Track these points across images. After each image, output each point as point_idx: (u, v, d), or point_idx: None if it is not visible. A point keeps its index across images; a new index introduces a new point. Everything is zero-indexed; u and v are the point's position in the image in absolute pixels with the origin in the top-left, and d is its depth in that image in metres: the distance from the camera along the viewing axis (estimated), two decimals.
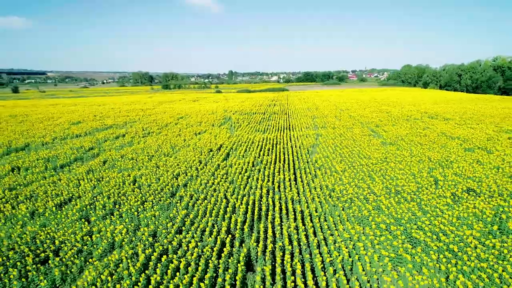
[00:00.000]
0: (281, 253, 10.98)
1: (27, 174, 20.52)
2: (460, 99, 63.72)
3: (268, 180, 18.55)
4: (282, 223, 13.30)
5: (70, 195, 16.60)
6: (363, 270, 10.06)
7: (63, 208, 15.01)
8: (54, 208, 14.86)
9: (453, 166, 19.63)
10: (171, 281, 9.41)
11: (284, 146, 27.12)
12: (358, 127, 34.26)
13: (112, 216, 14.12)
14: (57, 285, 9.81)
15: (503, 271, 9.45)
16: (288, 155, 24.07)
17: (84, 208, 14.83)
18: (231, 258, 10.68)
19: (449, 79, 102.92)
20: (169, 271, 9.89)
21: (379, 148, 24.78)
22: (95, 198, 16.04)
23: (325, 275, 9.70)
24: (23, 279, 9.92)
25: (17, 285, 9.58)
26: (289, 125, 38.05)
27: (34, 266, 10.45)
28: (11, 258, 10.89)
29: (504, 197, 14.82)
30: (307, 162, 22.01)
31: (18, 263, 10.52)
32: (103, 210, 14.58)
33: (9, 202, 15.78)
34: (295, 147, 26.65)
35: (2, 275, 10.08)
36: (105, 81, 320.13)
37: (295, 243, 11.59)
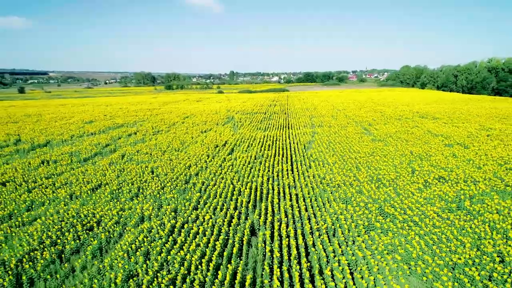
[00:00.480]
0: (278, 223, 13.75)
1: (56, 166, 23.34)
2: (453, 100, 66.35)
3: (269, 170, 21.33)
4: (280, 203, 16.07)
5: (99, 182, 19.42)
6: (342, 234, 12.84)
7: (96, 192, 17.84)
8: (89, 192, 17.69)
9: (431, 159, 22.39)
10: (193, 241, 12.20)
11: (283, 142, 29.90)
12: (352, 126, 37.00)
13: (138, 198, 16.93)
14: (103, 245, 12.61)
15: (450, 233, 12.21)
16: (286, 150, 26.85)
17: (114, 192, 17.65)
18: (239, 226, 13.48)
19: (445, 80, 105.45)
20: (190, 234, 12.69)
21: (369, 144, 27.53)
22: (121, 184, 18.85)
23: (312, 237, 12.48)
24: (77, 240, 12.73)
25: (73, 244, 12.37)
26: (288, 124, 40.82)
27: (83, 232, 13.27)
28: (63, 227, 13.70)
29: (468, 183, 17.58)
30: (303, 156, 24.79)
31: (71, 230, 13.34)
32: (129, 194, 17.38)
33: (49, 188, 18.60)
34: (293, 143, 29.42)
35: (60, 237, 12.88)
36: (107, 81, 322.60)
37: (290, 216, 14.38)
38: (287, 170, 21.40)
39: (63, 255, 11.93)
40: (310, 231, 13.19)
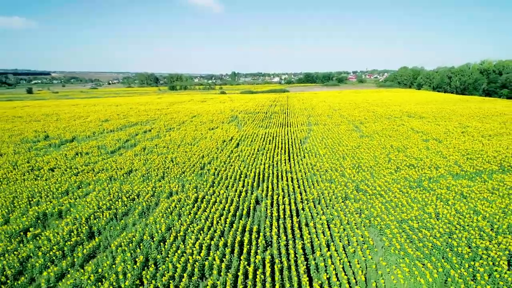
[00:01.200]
0: (276, 196, 17.87)
1: (89, 156, 27.53)
2: (443, 100, 70.31)
3: (269, 160, 25.45)
4: (278, 183, 20.19)
5: (130, 168, 23.60)
6: (325, 202, 16.96)
7: (130, 175, 22.03)
8: (124, 175, 21.88)
9: (407, 151, 26.49)
10: (213, 206, 16.35)
11: (282, 138, 34.02)
12: (345, 124, 41.10)
13: (164, 179, 21.09)
14: (145, 210, 16.74)
15: (405, 202, 16.32)
16: (285, 144, 30.97)
17: (144, 175, 21.81)
18: (246, 198, 17.63)
19: (440, 81, 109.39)
20: (210, 202, 16.83)
21: (356, 139, 31.64)
22: (148, 170, 23.02)
23: (302, 204, 16.61)
24: (125, 207, 16.88)
25: (123, 209, 16.51)
26: (287, 123, 44.93)
27: (128, 201, 17.44)
28: (112, 198, 17.86)
29: (431, 169, 21.67)
30: (299, 149, 28.92)
31: (119, 200, 17.51)
32: (157, 176, 21.54)
33: (90, 172, 22.78)
34: (291, 139, 33.54)
35: (112, 205, 17.04)
36: (110, 82, 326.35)
37: (285, 191, 18.52)
38: (285, 159, 25.53)
39: (117, 216, 16.09)
40: (301, 200, 17.32)
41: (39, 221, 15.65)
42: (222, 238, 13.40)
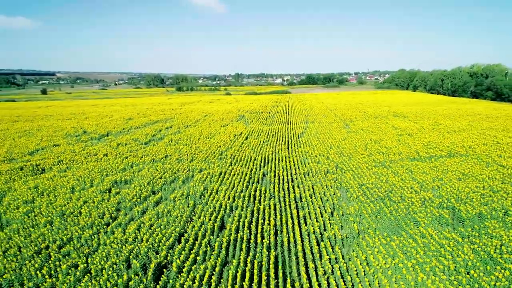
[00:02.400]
0: (278, 171, 24.85)
1: (129, 147, 34.64)
2: (430, 102, 76.90)
3: (272, 148, 32.43)
4: (279, 163, 27.17)
5: (165, 154, 30.68)
6: (312, 175, 23.95)
7: (166, 159, 29.11)
8: (163, 159, 28.99)
9: (381, 142, 33.37)
10: (233, 177, 23.37)
11: (283, 133, 40.99)
12: (337, 122, 48.01)
13: (193, 162, 28.13)
14: (185, 180, 23.73)
15: (368, 174, 23.25)
16: (285, 138, 37.92)
17: (177, 159, 28.88)
18: (256, 172, 24.65)
19: (434, 83, 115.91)
20: (230, 175, 23.85)
21: (344, 134, 38.56)
22: (180, 155, 30.08)
23: (295, 176, 23.62)
24: (171, 177, 23.92)
25: (171, 178, 23.55)
26: (288, 121, 51.90)
27: (172, 174, 24.49)
28: (160, 173, 24.91)
29: (395, 155, 28.54)
30: (296, 141, 35.89)
31: (165, 173, 24.56)
32: (187, 160, 28.59)
33: (136, 157, 29.87)
34: (290, 134, 40.50)
35: (162, 176, 24.11)
36: (116, 82, 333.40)
37: (284, 168, 25.52)
38: (284, 148, 32.51)
39: (167, 182, 23.14)
40: (295, 173, 24.30)
41: (115, 184, 22.76)
42: (241, 193, 20.42)
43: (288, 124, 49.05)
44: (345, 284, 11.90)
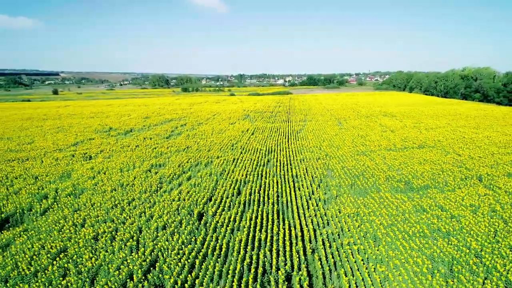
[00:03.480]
0: (280, 159, 31.25)
1: (153, 141, 41.09)
2: (421, 103, 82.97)
3: (275, 141, 38.81)
4: (280, 152, 33.57)
5: (186, 146, 37.12)
6: (306, 160, 30.33)
7: (188, 150, 35.57)
8: (185, 149, 35.45)
9: (366, 137, 39.67)
10: (244, 162, 29.79)
11: (284, 130, 47.37)
12: (332, 121, 54.33)
13: (211, 151, 34.55)
14: (206, 164, 30.13)
15: (350, 160, 29.61)
16: (285, 133, 44.32)
17: (197, 149, 35.32)
18: (262, 159, 31.08)
19: (428, 85, 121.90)
20: (242, 161, 30.29)
21: (336, 130, 44.91)
22: (198, 147, 36.52)
23: (294, 162, 30.03)
24: (195, 162, 30.35)
25: (195, 163, 29.96)
26: (288, 119, 58.26)
27: (195, 161, 30.93)
28: (186, 160, 31.34)
29: (376, 147, 34.84)
30: (295, 136, 42.28)
31: (189, 160, 31.01)
32: (205, 150, 35.02)
33: (163, 147, 36.32)
34: (290, 130, 46.89)
35: (189, 161, 30.53)
36: (121, 83, 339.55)
37: (285, 156, 31.93)
38: (285, 142, 38.91)
39: (192, 165, 29.56)
40: (293, 160, 30.70)
41: (152, 167, 29.23)
42: (252, 172, 26.85)
43: (288, 122, 55.42)
44: (322, 222, 18.28)
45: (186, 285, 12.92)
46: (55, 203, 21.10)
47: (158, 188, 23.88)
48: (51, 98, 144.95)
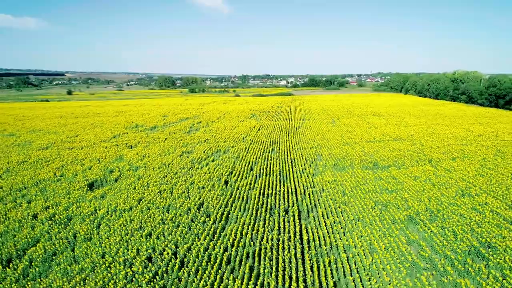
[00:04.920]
0: (282, 148, 39.76)
1: (178, 134, 49.71)
2: (408, 104, 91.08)
3: (278, 136, 47.32)
4: (282, 143, 42.07)
5: (205, 138, 45.72)
6: (302, 148, 38.86)
7: (208, 141, 44.17)
8: (205, 141, 44.07)
9: (353, 132, 48.09)
10: (254, 150, 38.33)
11: (285, 126, 55.88)
12: (327, 119, 62.79)
13: (226, 142, 43.11)
14: (224, 152, 38.66)
15: (336, 148, 38.11)
16: (287, 129, 52.83)
17: (214, 141, 43.91)
18: (267, 148, 39.66)
19: (421, 87, 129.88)
20: (252, 149, 38.85)
21: (329, 127, 53.38)
22: (216, 139, 45.09)
23: (292, 150, 38.58)
24: (216, 150, 38.93)
25: (215, 151, 38.52)
26: (290, 118, 66.77)
27: (216, 149, 39.53)
28: (207, 148, 39.93)
29: (361, 139, 43.27)
30: (294, 131, 50.82)
31: (210, 148, 39.62)
32: (222, 141, 43.60)
33: (187, 139, 44.92)
34: (291, 126, 55.40)
35: (209, 151, 39.12)
36: (128, 83, 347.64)
37: (286, 146, 40.47)
38: (286, 135, 47.45)
39: (214, 152, 38.13)
40: (292, 149, 39.23)
41: (183, 153, 37.84)
42: (260, 157, 35.39)
43: (289, 120, 63.94)
44: (310, 185, 26.84)
45: (223, 216, 21.46)
46: (121, 175, 29.78)
47: (192, 166, 32.49)
48: (67, 98, 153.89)
